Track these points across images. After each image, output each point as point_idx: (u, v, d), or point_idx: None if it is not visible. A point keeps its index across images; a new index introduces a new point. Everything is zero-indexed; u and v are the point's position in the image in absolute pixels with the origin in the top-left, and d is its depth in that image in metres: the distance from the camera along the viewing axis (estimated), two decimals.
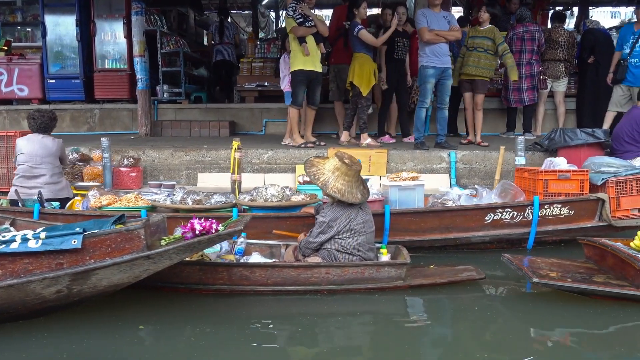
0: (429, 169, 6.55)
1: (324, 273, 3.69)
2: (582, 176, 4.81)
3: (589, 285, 3.56)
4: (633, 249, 3.76)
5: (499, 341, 3.18)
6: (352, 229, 3.86)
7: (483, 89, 7.35)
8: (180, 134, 8.68)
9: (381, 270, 3.76)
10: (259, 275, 3.67)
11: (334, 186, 3.87)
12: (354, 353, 3.07)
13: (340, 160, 3.94)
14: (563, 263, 3.98)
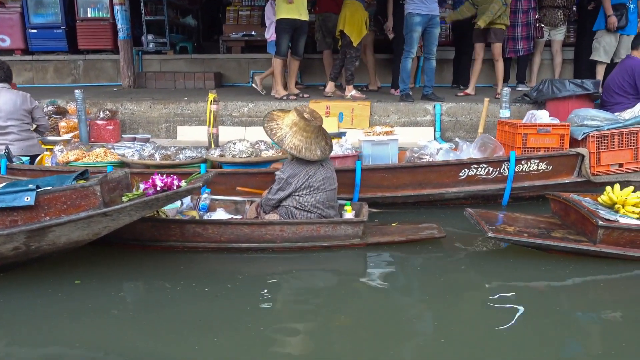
0: (413, 122, 6.38)
1: (279, 230, 3.62)
2: (562, 130, 4.62)
3: (544, 241, 3.49)
4: (600, 204, 3.65)
5: (449, 298, 3.12)
6: (311, 185, 3.75)
7: (498, 38, 7.04)
8: (165, 85, 8.50)
9: (337, 228, 3.67)
10: (212, 232, 3.60)
11: (290, 142, 3.73)
12: (304, 311, 3.01)
13: (299, 115, 3.78)
14: (528, 218, 3.89)
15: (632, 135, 4.56)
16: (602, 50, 7.05)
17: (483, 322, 2.85)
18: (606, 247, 3.39)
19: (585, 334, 2.80)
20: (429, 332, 2.78)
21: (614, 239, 3.37)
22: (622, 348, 2.59)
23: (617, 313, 2.95)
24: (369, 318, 2.90)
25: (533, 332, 2.72)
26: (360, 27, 6.79)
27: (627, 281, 3.31)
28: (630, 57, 5.66)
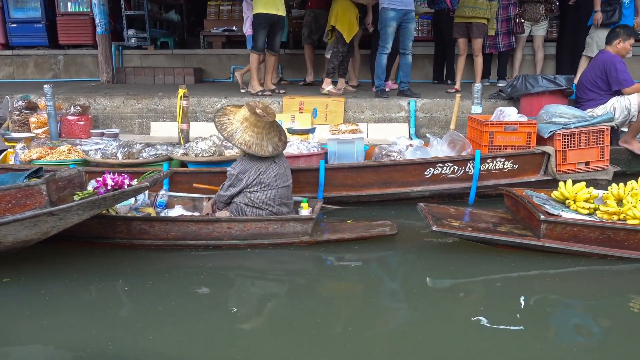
0: (387, 118, 6.31)
1: (226, 228, 3.58)
2: (529, 128, 4.56)
3: (488, 235, 3.48)
4: (552, 200, 3.64)
5: (393, 295, 3.13)
6: (262, 182, 3.71)
7: (480, 33, 6.97)
8: (145, 81, 8.43)
9: (286, 226, 3.63)
10: (159, 230, 3.55)
11: (241, 137, 3.69)
12: (248, 309, 2.98)
13: (251, 110, 3.73)
14: (481, 213, 3.90)
15: (599, 134, 4.50)
16: (595, 46, 6.86)
17: (424, 317, 2.86)
18: (549, 241, 3.39)
19: (528, 326, 2.77)
20: (372, 329, 2.74)
21: (557, 234, 3.36)
22: (565, 337, 2.63)
23: (559, 307, 2.99)
24: (313, 316, 2.87)
25: (475, 325, 2.74)
26: (351, 23, 6.72)
27: (569, 275, 3.31)
28: (602, 51, 5.59)
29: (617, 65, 5.28)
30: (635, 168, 5.57)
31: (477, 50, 7.08)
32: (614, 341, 2.64)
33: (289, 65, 8.83)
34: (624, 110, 5.33)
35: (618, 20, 6.78)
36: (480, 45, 7.08)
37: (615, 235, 3.32)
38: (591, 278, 3.28)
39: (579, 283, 3.27)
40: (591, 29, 6.94)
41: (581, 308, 3.00)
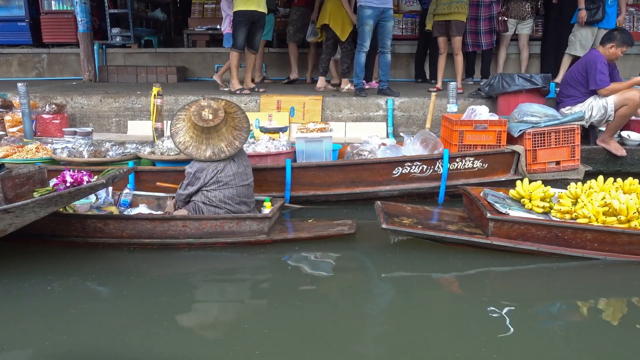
0: (365, 117, 6.26)
1: (181, 226, 3.53)
2: (499, 127, 4.51)
3: (437, 232, 3.48)
4: (510, 198, 3.63)
5: (342, 293, 3.10)
6: (220, 181, 3.66)
7: (459, 30, 6.92)
8: (127, 79, 8.38)
9: (242, 224, 3.59)
10: (113, 228, 3.51)
11: (182, 137, 3.67)
12: (200, 308, 2.95)
13: (194, 112, 3.64)
14: (439, 212, 3.92)
15: (569, 133, 4.45)
16: (578, 44, 6.86)
17: (371, 313, 2.85)
18: (498, 239, 3.38)
19: (473, 323, 2.76)
20: (326, 328, 2.69)
21: (505, 232, 3.35)
22: (512, 334, 2.60)
23: (506, 304, 2.93)
24: (266, 315, 2.84)
25: (420, 322, 2.75)
26: (343, 21, 6.67)
27: (518, 273, 3.30)
28: (592, 50, 5.51)
29: (598, 65, 5.19)
30: (613, 168, 5.53)
31: (456, 48, 7.02)
32: (562, 339, 2.59)
33: (273, 64, 8.79)
34: (601, 109, 5.28)
35: (601, 18, 6.73)
36: (459, 44, 7.02)
37: (562, 234, 3.29)
38: (540, 276, 3.26)
39: (527, 281, 3.24)
40: (574, 27, 6.88)
41: (528, 307, 2.94)
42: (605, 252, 3.30)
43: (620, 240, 3.24)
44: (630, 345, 2.53)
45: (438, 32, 7.03)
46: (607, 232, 3.24)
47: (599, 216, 3.32)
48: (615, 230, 3.24)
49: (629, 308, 3.01)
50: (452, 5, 6.71)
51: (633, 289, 3.08)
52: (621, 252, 3.29)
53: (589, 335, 2.63)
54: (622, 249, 3.28)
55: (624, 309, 3.00)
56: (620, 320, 2.86)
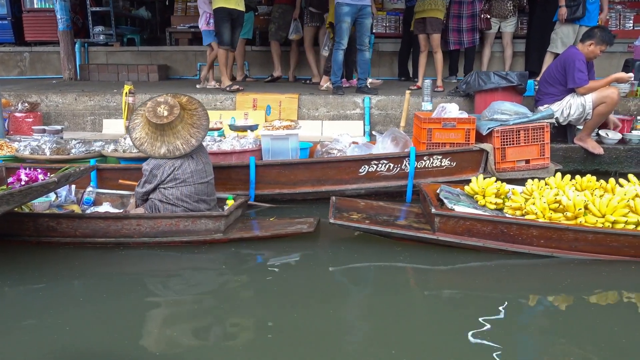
0: (342, 115, 6.18)
1: (135, 225, 3.46)
2: (468, 125, 4.42)
3: (383, 227, 3.46)
4: (465, 194, 3.62)
5: (294, 292, 3.02)
6: (177, 178, 3.58)
7: (434, 28, 6.86)
8: (109, 78, 8.32)
9: (197, 223, 3.51)
10: (66, 227, 3.44)
11: (138, 133, 3.59)
12: (151, 309, 2.87)
13: (149, 108, 3.56)
14: (393, 207, 3.91)
15: (538, 131, 4.37)
16: (560, 42, 6.79)
17: (319, 310, 2.80)
18: (444, 235, 3.35)
19: (416, 319, 2.75)
20: (278, 327, 2.62)
21: (451, 228, 3.32)
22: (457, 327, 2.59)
23: (449, 300, 2.94)
24: (219, 315, 2.78)
25: (364, 317, 2.75)
26: None
27: (465, 269, 3.27)
28: (570, 47, 5.41)
29: (577, 63, 5.10)
30: (591, 167, 5.45)
31: (435, 46, 6.94)
32: (503, 334, 2.55)
33: (255, 62, 8.72)
34: (579, 107, 5.19)
35: (582, 15, 6.65)
36: (438, 41, 6.94)
37: (508, 230, 3.25)
38: (485, 272, 3.22)
39: (472, 277, 3.20)
40: (556, 25, 6.80)
41: (473, 302, 2.90)
42: (552, 249, 3.24)
43: (567, 237, 3.19)
44: (574, 340, 2.49)
45: (418, 30, 6.97)
46: (552, 229, 3.19)
47: (545, 212, 3.27)
48: (560, 226, 3.19)
49: (574, 305, 2.93)
50: (425, 2, 6.65)
51: (579, 285, 3.04)
52: (568, 249, 3.23)
53: (530, 332, 2.59)
54: (569, 246, 3.22)
55: (569, 306, 2.92)
56: (564, 317, 2.78)
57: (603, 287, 3.06)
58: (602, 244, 3.18)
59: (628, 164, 5.41)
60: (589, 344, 2.45)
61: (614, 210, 3.20)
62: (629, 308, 2.89)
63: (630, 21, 8.53)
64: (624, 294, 3.02)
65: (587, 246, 3.20)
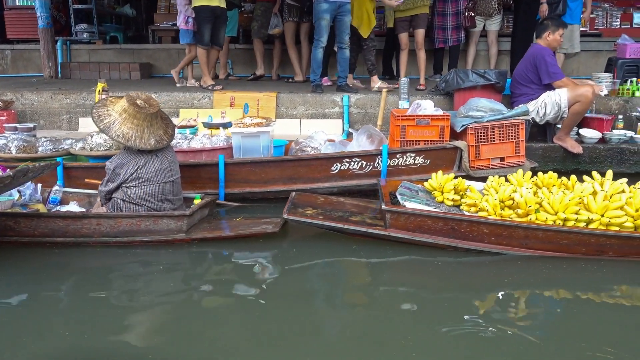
0: (321, 114, 6.10)
1: (95, 224, 3.38)
2: (442, 122, 4.35)
3: (335, 223, 3.42)
4: (424, 191, 3.60)
5: (252, 291, 2.96)
6: (140, 177, 3.51)
7: (422, 23, 6.81)
8: (90, 76, 8.21)
9: (159, 222, 3.43)
10: (24, 226, 3.36)
11: (119, 129, 3.48)
12: (110, 312, 2.75)
13: (130, 101, 3.52)
14: (352, 203, 3.88)
15: (513, 128, 4.30)
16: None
17: (271, 307, 2.75)
18: (395, 231, 3.31)
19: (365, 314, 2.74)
20: (237, 327, 2.58)
21: (402, 224, 3.29)
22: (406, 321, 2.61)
23: (398, 296, 2.91)
24: (178, 317, 2.70)
25: (314, 312, 2.74)
26: (368, 18, 6.46)
27: (417, 265, 3.25)
28: (533, 45, 5.37)
29: (547, 57, 5.07)
30: (570, 166, 5.38)
31: (420, 43, 6.88)
32: (456, 329, 2.51)
33: (239, 60, 8.64)
34: (554, 106, 5.12)
35: (563, 13, 6.63)
36: (422, 38, 6.88)
37: (459, 227, 3.21)
38: (436, 269, 3.19)
39: (424, 274, 3.17)
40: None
41: (423, 299, 2.86)
42: (503, 246, 3.20)
43: (517, 235, 3.15)
44: (521, 334, 2.45)
45: (402, 29, 6.89)
46: (502, 226, 3.16)
47: (496, 209, 3.24)
48: (509, 223, 3.15)
49: (521, 301, 2.88)
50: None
51: (528, 282, 2.99)
52: (519, 247, 3.19)
53: (480, 328, 2.53)
54: (520, 244, 3.18)
55: (517, 303, 2.86)
56: (512, 314, 2.72)
57: (551, 284, 2.99)
58: (552, 242, 3.14)
59: (608, 164, 5.33)
60: (536, 338, 2.41)
61: (565, 207, 3.16)
62: (574, 304, 2.85)
63: (617, 20, 8.47)
64: (572, 290, 2.94)
65: (538, 244, 3.16)
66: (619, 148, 5.32)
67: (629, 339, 2.41)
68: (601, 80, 5.97)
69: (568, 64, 8.21)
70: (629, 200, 3.12)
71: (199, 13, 6.42)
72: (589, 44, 8.13)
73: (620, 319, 2.62)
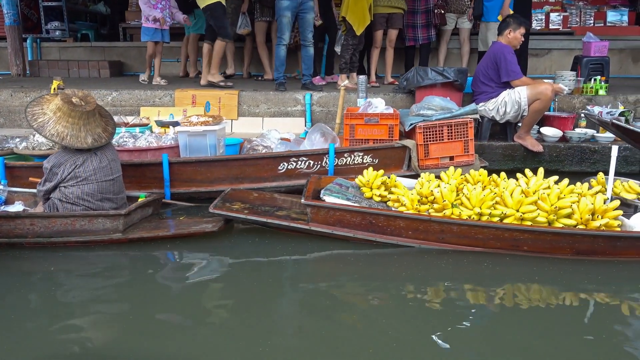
0: (284, 112, 6.03)
1: (29, 224, 3.31)
2: (391, 121, 4.29)
3: (259, 217, 3.45)
4: (355, 186, 3.60)
5: (188, 290, 2.95)
6: (78, 176, 3.44)
7: (398, 23, 6.79)
8: (59, 74, 8.02)
9: (94, 222, 3.36)
10: None
11: (53, 128, 3.41)
12: (40, 314, 2.71)
13: (64, 99, 3.46)
14: (283, 199, 3.91)
15: (462, 127, 4.24)
16: (479, 40, 7.11)
17: (202, 306, 2.77)
18: (316, 225, 3.34)
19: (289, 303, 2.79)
20: (167, 325, 2.56)
21: (323, 218, 3.31)
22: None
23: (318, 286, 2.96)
24: (107, 319, 2.65)
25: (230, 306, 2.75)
26: (363, 15, 6.31)
27: (339, 259, 3.28)
28: (494, 42, 5.31)
29: (507, 55, 5.01)
30: (531, 164, 5.30)
31: (392, 41, 6.84)
32: (367, 322, 2.54)
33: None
34: (514, 104, 5.07)
35: (480, 13, 6.82)
36: (395, 37, 6.84)
37: (376, 221, 3.22)
38: (356, 263, 3.20)
39: (344, 267, 3.18)
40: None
41: (341, 292, 2.88)
42: (420, 240, 3.22)
43: (433, 229, 3.16)
44: (434, 326, 2.47)
45: (380, 25, 6.81)
46: (418, 220, 3.17)
47: (414, 203, 3.26)
48: (424, 218, 3.17)
49: (436, 294, 2.86)
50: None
51: (443, 275, 3.00)
52: (436, 241, 3.21)
53: (396, 318, 2.57)
54: (436, 238, 3.19)
55: (430, 296, 2.84)
56: (427, 306, 2.73)
57: (460, 277, 3.00)
58: (467, 236, 3.14)
59: (569, 162, 5.29)
60: (450, 327, 2.45)
61: (482, 202, 3.16)
62: (482, 298, 2.82)
63: (591, 18, 8.41)
64: (481, 284, 2.93)
65: (454, 238, 3.16)
66: (579, 147, 5.27)
67: (529, 339, 2.38)
68: (564, 79, 5.92)
69: (540, 63, 8.17)
70: (542, 196, 3.11)
71: (214, 10, 6.25)
72: (561, 43, 8.09)
73: (523, 318, 2.59)
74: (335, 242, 3.39)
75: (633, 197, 3.42)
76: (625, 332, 2.45)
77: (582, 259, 3.13)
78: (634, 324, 2.56)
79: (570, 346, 2.31)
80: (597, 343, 2.34)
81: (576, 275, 2.98)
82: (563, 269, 3.03)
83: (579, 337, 2.40)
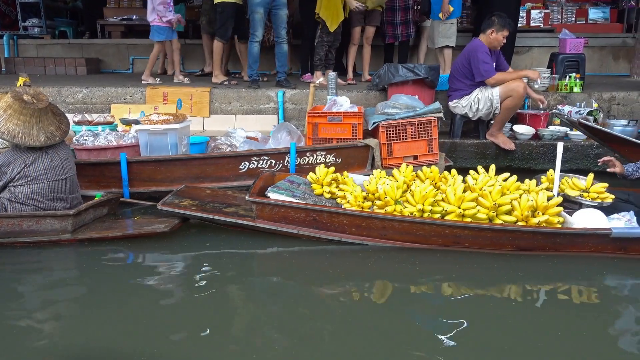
0: (256, 110, 5.96)
1: None
2: (355, 119, 4.22)
3: (205, 214, 3.41)
4: (307, 183, 3.57)
5: (136, 291, 2.90)
6: (28, 175, 3.37)
7: (377, 20, 6.75)
8: (35, 71, 8.03)
9: (42, 222, 3.29)
10: None
11: (4, 126, 3.33)
12: None
13: (15, 97, 3.37)
14: (235, 196, 3.84)
15: (425, 126, 4.17)
16: (427, 38, 7.20)
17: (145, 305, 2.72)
18: (262, 222, 3.31)
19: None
20: (111, 328, 2.49)
21: (268, 215, 3.28)
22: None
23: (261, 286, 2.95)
24: (53, 320, 2.59)
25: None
26: (336, 11, 6.23)
27: (285, 255, 3.26)
28: (473, 39, 5.21)
29: (479, 54, 4.92)
30: (503, 163, 5.27)
31: (370, 39, 6.78)
32: (319, 315, 2.55)
33: (189, 56, 8.47)
34: (487, 102, 5.02)
35: (428, 10, 6.76)
36: (372, 34, 6.78)
37: (320, 218, 3.19)
38: (302, 258, 3.20)
39: (288, 264, 3.17)
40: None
41: (284, 288, 2.86)
42: (364, 237, 3.19)
43: (375, 225, 3.12)
44: (380, 321, 2.48)
45: (358, 22, 6.74)
46: (360, 217, 3.14)
47: (357, 200, 3.23)
48: (365, 214, 3.13)
49: (377, 290, 2.86)
50: None
51: (384, 272, 2.98)
52: (379, 238, 3.17)
53: (338, 313, 2.56)
54: (379, 234, 3.16)
55: (374, 291, 2.85)
56: (371, 300, 2.75)
57: (399, 274, 2.96)
58: (409, 233, 3.11)
59: (541, 160, 5.23)
60: (393, 323, 2.46)
61: (424, 199, 3.13)
62: (420, 294, 2.81)
63: (573, 15, 8.35)
64: (416, 281, 2.91)
65: (397, 235, 3.13)
66: (551, 145, 5.21)
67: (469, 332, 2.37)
68: None
69: (521, 60, 8.10)
70: (484, 192, 3.06)
71: (224, 9, 6.15)
72: (542, 40, 8.02)
73: (469, 311, 2.56)
74: (285, 239, 3.36)
75: (576, 194, 3.37)
76: (564, 323, 2.48)
77: (523, 254, 3.12)
78: (572, 313, 2.59)
79: (502, 338, 2.32)
80: (538, 334, 2.36)
81: (518, 271, 2.97)
82: (503, 265, 3.02)
83: (513, 328, 2.42)
